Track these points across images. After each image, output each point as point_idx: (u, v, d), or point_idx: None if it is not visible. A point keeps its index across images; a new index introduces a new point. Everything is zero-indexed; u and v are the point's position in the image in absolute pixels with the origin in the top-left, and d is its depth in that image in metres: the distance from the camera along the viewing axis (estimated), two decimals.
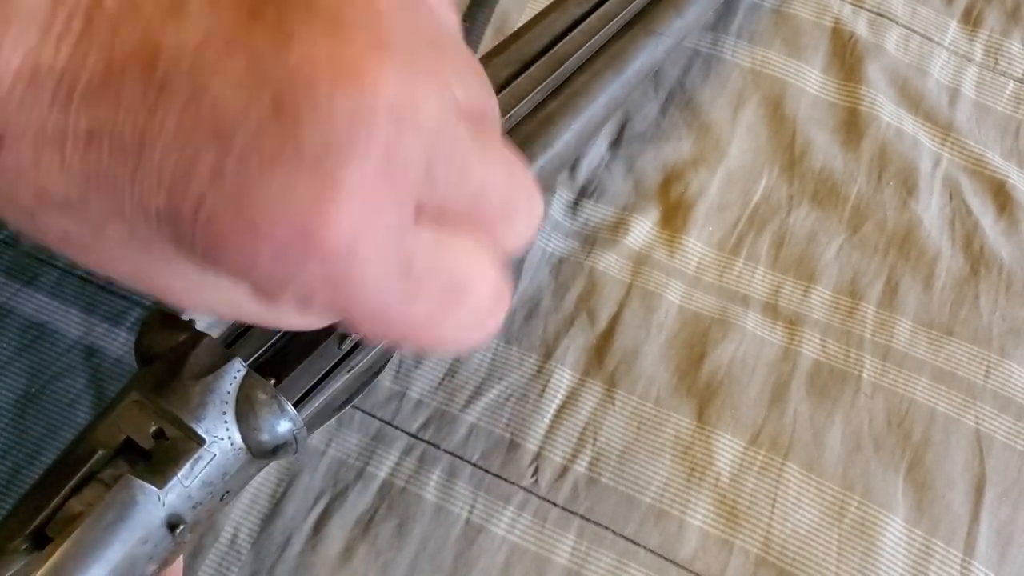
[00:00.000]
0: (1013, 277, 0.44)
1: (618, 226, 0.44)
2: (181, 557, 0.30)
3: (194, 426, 0.26)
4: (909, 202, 0.46)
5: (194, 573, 0.36)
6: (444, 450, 0.39)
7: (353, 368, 0.31)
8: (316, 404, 0.30)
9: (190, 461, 0.26)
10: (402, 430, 0.39)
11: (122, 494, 0.25)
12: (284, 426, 0.28)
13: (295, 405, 0.29)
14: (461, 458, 0.39)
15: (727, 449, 0.40)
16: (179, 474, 0.26)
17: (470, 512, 0.38)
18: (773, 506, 0.39)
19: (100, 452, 0.26)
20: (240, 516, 0.37)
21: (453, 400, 0.40)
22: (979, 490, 0.40)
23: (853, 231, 0.45)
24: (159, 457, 0.26)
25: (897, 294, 0.44)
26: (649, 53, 0.38)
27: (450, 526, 0.38)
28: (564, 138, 0.34)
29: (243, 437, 0.27)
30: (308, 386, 0.30)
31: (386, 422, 0.39)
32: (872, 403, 0.41)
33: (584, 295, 0.43)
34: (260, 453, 0.28)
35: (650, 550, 0.38)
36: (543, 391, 0.41)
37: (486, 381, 0.41)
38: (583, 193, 0.45)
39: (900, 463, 0.40)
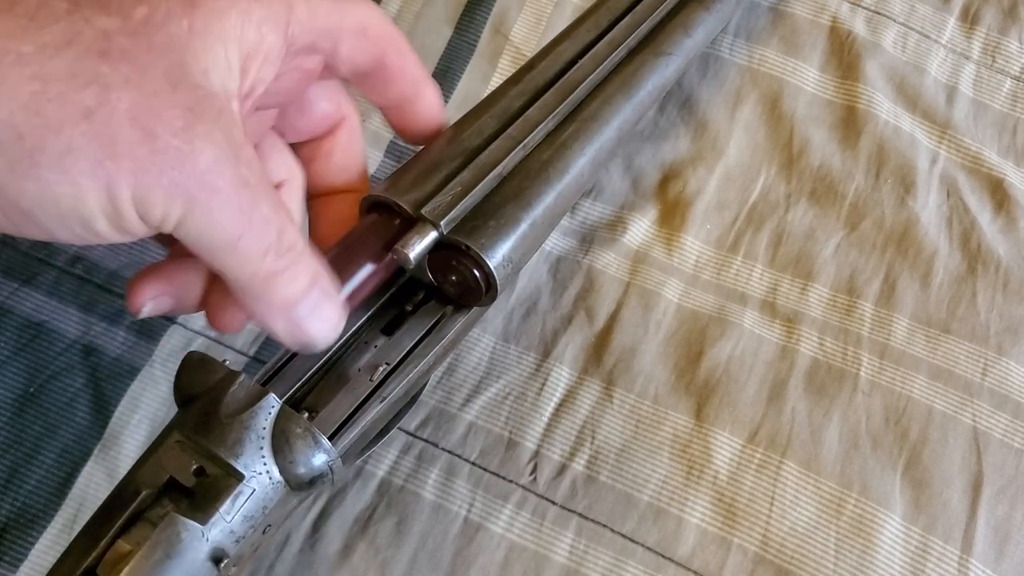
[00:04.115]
0: (1010, 275, 0.44)
1: (616, 224, 0.44)
2: None
3: (232, 462, 0.27)
4: (907, 200, 0.46)
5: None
6: (442, 448, 0.39)
7: (386, 398, 0.31)
8: (351, 436, 0.30)
9: (231, 497, 0.27)
10: (401, 429, 0.39)
11: (167, 532, 0.25)
12: (320, 458, 0.28)
13: (330, 438, 0.30)
14: (459, 456, 0.39)
15: (725, 447, 0.40)
16: (221, 510, 0.26)
17: (468, 510, 0.38)
18: (771, 504, 0.39)
19: (145, 492, 0.26)
20: None
21: (451, 399, 0.40)
22: (976, 487, 0.40)
23: (851, 229, 0.45)
24: (201, 494, 0.27)
25: (895, 292, 0.44)
26: (659, 75, 0.39)
27: (449, 524, 0.38)
28: (579, 164, 0.35)
29: (280, 471, 0.28)
30: (343, 418, 0.31)
31: None
32: (870, 401, 0.41)
33: (582, 293, 0.43)
34: (298, 485, 0.28)
35: (648, 548, 0.38)
36: (541, 389, 0.41)
37: (484, 380, 0.41)
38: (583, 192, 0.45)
39: (897, 461, 0.40)
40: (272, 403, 0.28)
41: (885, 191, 0.46)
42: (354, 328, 0.33)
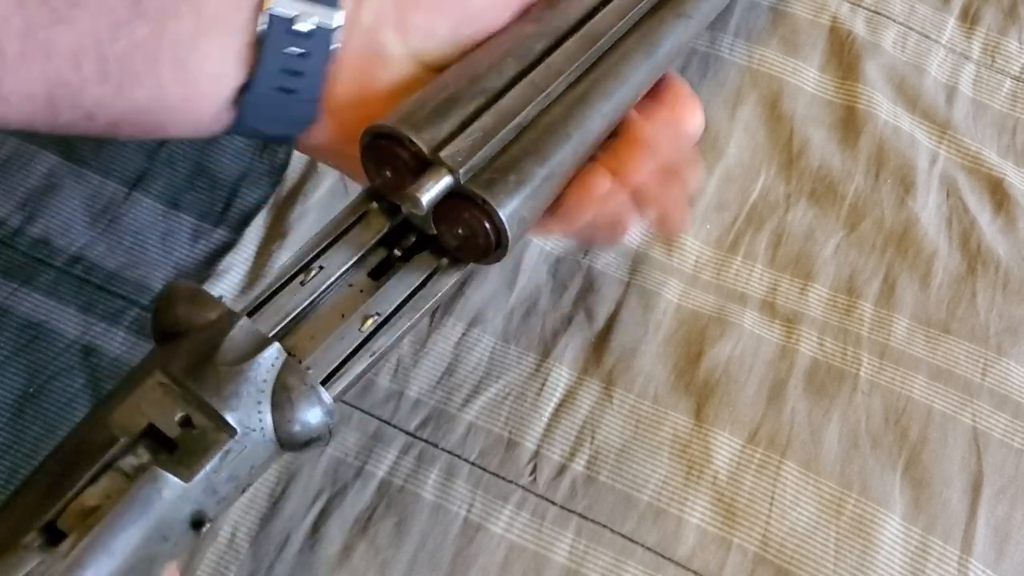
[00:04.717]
0: (1010, 275, 0.44)
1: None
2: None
3: (227, 415, 0.24)
4: (906, 200, 0.46)
5: (192, 572, 0.36)
6: (442, 449, 0.39)
7: (376, 352, 0.29)
8: (338, 389, 0.28)
9: (220, 453, 0.24)
10: (400, 429, 0.39)
11: (146, 488, 0.23)
12: (321, 419, 0.26)
13: None
14: (459, 457, 0.39)
15: (725, 447, 0.40)
16: (208, 467, 0.24)
17: (468, 510, 0.38)
18: (771, 504, 0.39)
19: (122, 439, 0.23)
20: (239, 515, 0.37)
21: (451, 399, 0.40)
22: (976, 487, 0.40)
23: (851, 229, 0.45)
24: (186, 447, 0.24)
25: (894, 292, 0.44)
26: (678, 36, 0.37)
27: (448, 524, 0.38)
28: (596, 121, 0.33)
29: (276, 428, 0.25)
30: (331, 369, 0.28)
31: (384, 421, 0.40)
32: (869, 401, 0.41)
33: (582, 294, 0.43)
34: (291, 445, 0.26)
35: (648, 548, 0.38)
36: (541, 390, 0.41)
37: (484, 380, 0.41)
38: None
39: (897, 461, 0.40)
40: (276, 354, 0.26)
41: (885, 191, 0.46)
42: (340, 267, 0.30)
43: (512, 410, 0.40)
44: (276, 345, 0.26)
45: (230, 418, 0.24)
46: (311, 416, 0.26)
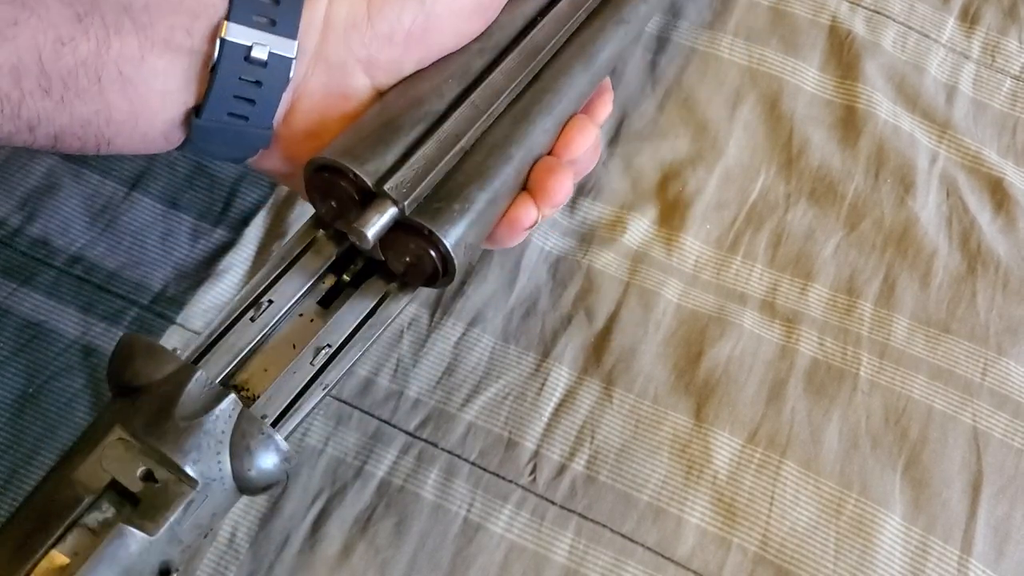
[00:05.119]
0: (1010, 275, 0.44)
1: (616, 224, 0.44)
2: None
3: (188, 468, 0.25)
4: (906, 199, 0.46)
5: (192, 574, 0.36)
6: (442, 449, 0.39)
7: (328, 385, 0.30)
8: (292, 426, 0.29)
9: (183, 505, 0.25)
10: (400, 429, 0.39)
11: (113, 543, 0.23)
12: (278, 464, 0.27)
13: (271, 426, 0.28)
14: (459, 456, 0.39)
15: (725, 447, 0.40)
16: (171, 519, 0.24)
17: (468, 510, 0.38)
18: (771, 504, 0.39)
19: (87, 499, 0.24)
20: (238, 516, 0.37)
21: (451, 399, 0.40)
22: (976, 487, 0.40)
23: (850, 229, 0.45)
24: (150, 501, 0.24)
25: (894, 292, 0.44)
26: (617, 42, 0.37)
27: (448, 524, 0.38)
28: (538, 138, 0.33)
29: (235, 476, 0.26)
30: (284, 406, 0.29)
31: (384, 421, 0.40)
32: (869, 401, 0.41)
33: (582, 293, 0.43)
34: (250, 491, 0.27)
35: (648, 548, 0.38)
36: (541, 389, 0.41)
37: (484, 380, 0.41)
38: (581, 191, 0.45)
39: (897, 460, 0.40)
40: (233, 404, 0.26)
41: (885, 191, 0.46)
42: (290, 299, 0.31)
43: (512, 410, 0.40)
44: (232, 396, 0.26)
45: (191, 470, 0.25)
46: (268, 462, 0.27)
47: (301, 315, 0.31)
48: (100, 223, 0.43)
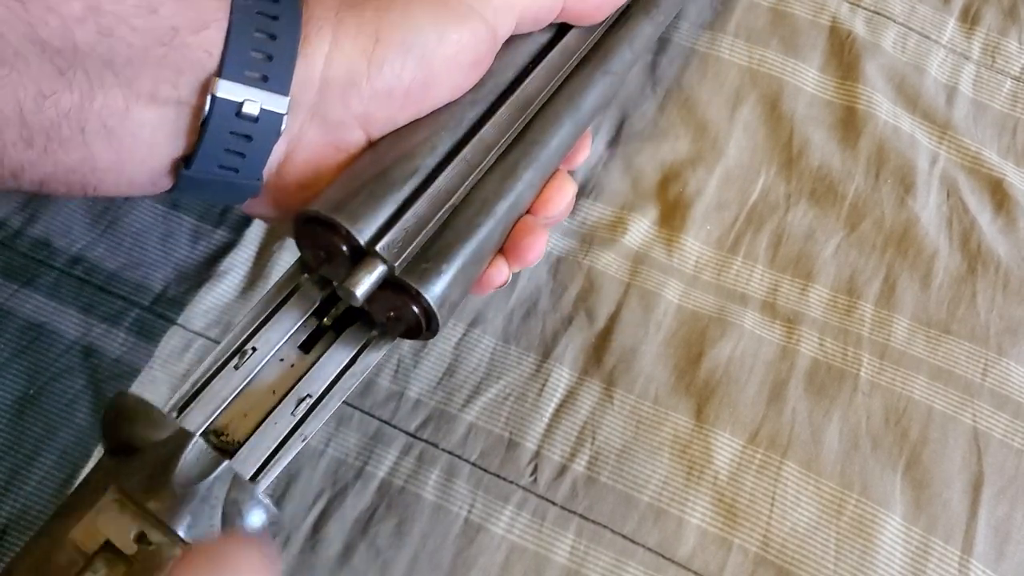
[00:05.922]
0: (1010, 275, 0.44)
1: (616, 225, 0.44)
2: None
3: (182, 533, 0.25)
4: (907, 200, 0.46)
5: None
6: (443, 449, 0.39)
7: (307, 437, 0.30)
8: (272, 477, 0.29)
9: None
10: (401, 429, 0.39)
11: None
12: (264, 522, 0.27)
13: (251, 478, 0.29)
14: (460, 457, 0.39)
15: (725, 448, 0.40)
16: None
17: (469, 511, 0.38)
18: (772, 504, 0.39)
19: (82, 562, 0.24)
20: None
21: (452, 399, 0.40)
22: (977, 488, 0.40)
23: (851, 229, 0.45)
24: (143, 564, 0.25)
25: (895, 292, 0.44)
26: (602, 93, 0.37)
27: (449, 525, 0.38)
28: (523, 193, 0.34)
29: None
30: (264, 458, 0.29)
31: (385, 421, 0.40)
32: (870, 401, 0.41)
33: (582, 294, 0.43)
34: None
35: (649, 549, 0.38)
36: (542, 390, 0.41)
37: (485, 380, 0.41)
38: (581, 192, 0.45)
39: (898, 461, 0.40)
40: (228, 472, 0.27)
41: (885, 191, 0.46)
42: (274, 346, 0.31)
43: (512, 411, 0.40)
44: (226, 464, 0.27)
45: (184, 534, 0.25)
46: (257, 522, 0.27)
47: (282, 360, 0.31)
48: (101, 224, 0.43)
